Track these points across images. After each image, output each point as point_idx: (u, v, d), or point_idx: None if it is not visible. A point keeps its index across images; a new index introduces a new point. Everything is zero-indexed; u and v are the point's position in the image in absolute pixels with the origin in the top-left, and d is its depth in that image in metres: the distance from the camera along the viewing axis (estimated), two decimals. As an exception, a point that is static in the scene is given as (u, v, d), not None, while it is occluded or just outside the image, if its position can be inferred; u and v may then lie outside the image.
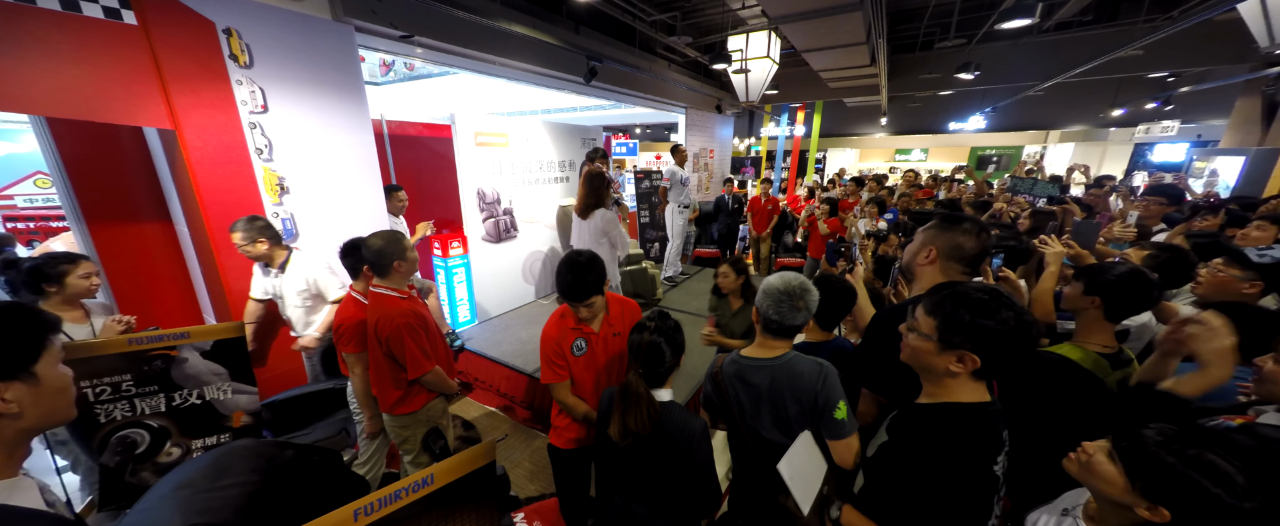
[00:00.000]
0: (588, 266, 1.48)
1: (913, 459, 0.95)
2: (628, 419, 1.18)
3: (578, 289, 1.48)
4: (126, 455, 1.55)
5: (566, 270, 1.48)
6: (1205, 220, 2.70)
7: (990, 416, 0.93)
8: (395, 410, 1.81)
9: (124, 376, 1.54)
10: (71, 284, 1.83)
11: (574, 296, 1.50)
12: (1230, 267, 1.66)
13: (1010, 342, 0.88)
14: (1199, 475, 0.74)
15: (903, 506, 0.96)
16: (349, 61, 2.74)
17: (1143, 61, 6.02)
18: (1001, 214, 4.11)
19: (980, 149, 14.50)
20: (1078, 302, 1.39)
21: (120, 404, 1.55)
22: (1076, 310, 1.42)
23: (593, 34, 5.11)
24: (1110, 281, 1.33)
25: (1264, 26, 2.88)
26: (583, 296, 1.49)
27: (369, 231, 1.83)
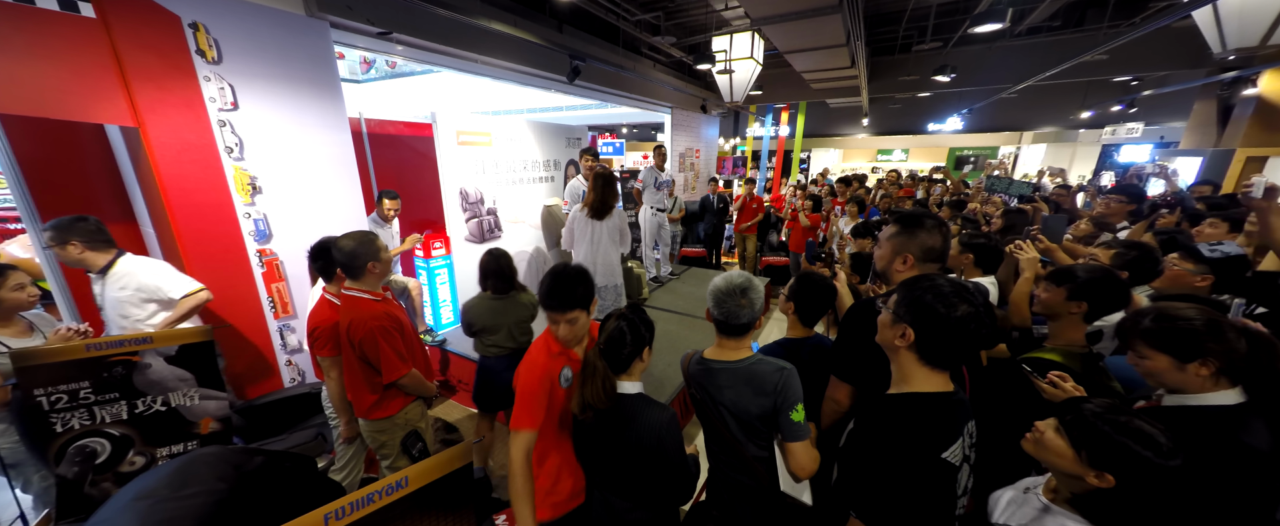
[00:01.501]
0: (577, 277, 1.32)
1: (867, 444, 1.00)
2: (585, 391, 1.19)
3: (563, 296, 1.27)
4: (86, 465, 1.49)
5: (552, 277, 1.30)
6: (1164, 217, 2.82)
7: (948, 405, 0.96)
8: (371, 415, 1.77)
9: (82, 383, 1.48)
10: (4, 298, 1.72)
11: (558, 304, 1.28)
12: (1184, 262, 1.74)
13: (949, 329, 0.92)
14: (1129, 440, 0.82)
15: (864, 490, 1.00)
16: (324, 58, 2.68)
17: (1108, 66, 6.27)
18: (976, 213, 4.24)
19: (958, 149, 14.91)
20: (1059, 307, 1.44)
21: (78, 412, 1.49)
22: (1055, 314, 1.46)
23: (576, 33, 5.09)
24: (1094, 284, 1.39)
25: (1217, 34, 3.02)
26: (567, 306, 1.28)
27: (346, 232, 1.78)
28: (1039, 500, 0.96)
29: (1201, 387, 1.03)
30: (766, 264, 6.16)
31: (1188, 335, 1.02)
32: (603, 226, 3.04)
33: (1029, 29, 6.34)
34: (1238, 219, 2.26)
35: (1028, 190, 4.99)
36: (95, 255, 1.95)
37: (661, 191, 4.95)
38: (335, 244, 1.68)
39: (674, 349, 3.35)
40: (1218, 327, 1.01)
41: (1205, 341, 1.00)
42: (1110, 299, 1.39)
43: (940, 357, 0.97)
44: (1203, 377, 1.02)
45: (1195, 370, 1.02)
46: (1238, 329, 1.02)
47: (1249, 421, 0.99)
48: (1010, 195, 5.04)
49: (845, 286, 1.86)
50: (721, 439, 1.30)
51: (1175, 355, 1.03)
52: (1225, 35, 2.95)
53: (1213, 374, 1.01)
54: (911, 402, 0.97)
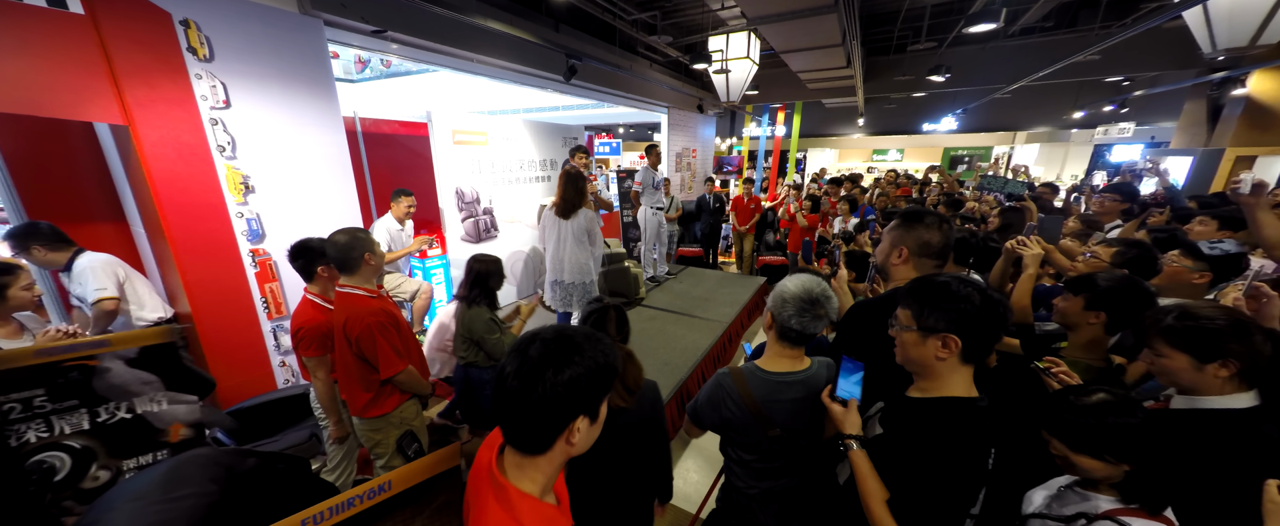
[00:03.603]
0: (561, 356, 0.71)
1: (912, 451, 0.95)
2: (627, 379, 1.22)
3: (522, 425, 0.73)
4: (44, 484, 1.38)
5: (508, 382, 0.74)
6: (1156, 216, 2.85)
7: (980, 412, 0.94)
8: (366, 413, 1.75)
9: (35, 391, 1.38)
10: (12, 297, 1.71)
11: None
12: (1184, 259, 1.75)
13: (981, 318, 0.90)
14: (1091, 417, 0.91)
15: (899, 495, 0.96)
16: (318, 56, 2.65)
17: (1100, 66, 6.33)
18: (974, 212, 4.27)
19: (953, 149, 15.00)
20: (1076, 317, 1.40)
21: (35, 423, 1.39)
22: (1072, 324, 1.43)
23: (572, 32, 5.08)
24: (1114, 294, 1.33)
25: (1207, 34, 3.06)
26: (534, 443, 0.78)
27: (337, 229, 1.76)
28: (1077, 492, 0.98)
29: (1218, 389, 1.00)
30: (763, 263, 6.17)
31: (1211, 335, 0.99)
32: (568, 226, 3.02)
33: (1022, 29, 6.39)
34: (1226, 217, 2.29)
35: (1021, 189, 5.03)
36: (57, 255, 2.05)
37: (659, 191, 4.95)
38: (328, 240, 1.66)
39: (670, 348, 3.34)
40: (1244, 329, 0.98)
41: (1228, 342, 0.97)
42: (1133, 309, 1.31)
43: (981, 350, 0.94)
44: (1220, 379, 0.99)
45: (1214, 371, 0.99)
46: (1264, 331, 1.00)
47: (1262, 426, 0.97)
48: (1003, 193, 5.09)
49: (844, 285, 1.86)
50: (771, 445, 1.23)
51: (1195, 355, 1.01)
52: (1215, 36, 2.99)
53: (1231, 375, 0.99)
54: (953, 409, 0.94)
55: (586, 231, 3.04)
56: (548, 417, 0.65)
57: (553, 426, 0.66)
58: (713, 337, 3.51)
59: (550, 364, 0.64)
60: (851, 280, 2.17)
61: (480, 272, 2.13)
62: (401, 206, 3.33)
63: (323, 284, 1.86)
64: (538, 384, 0.63)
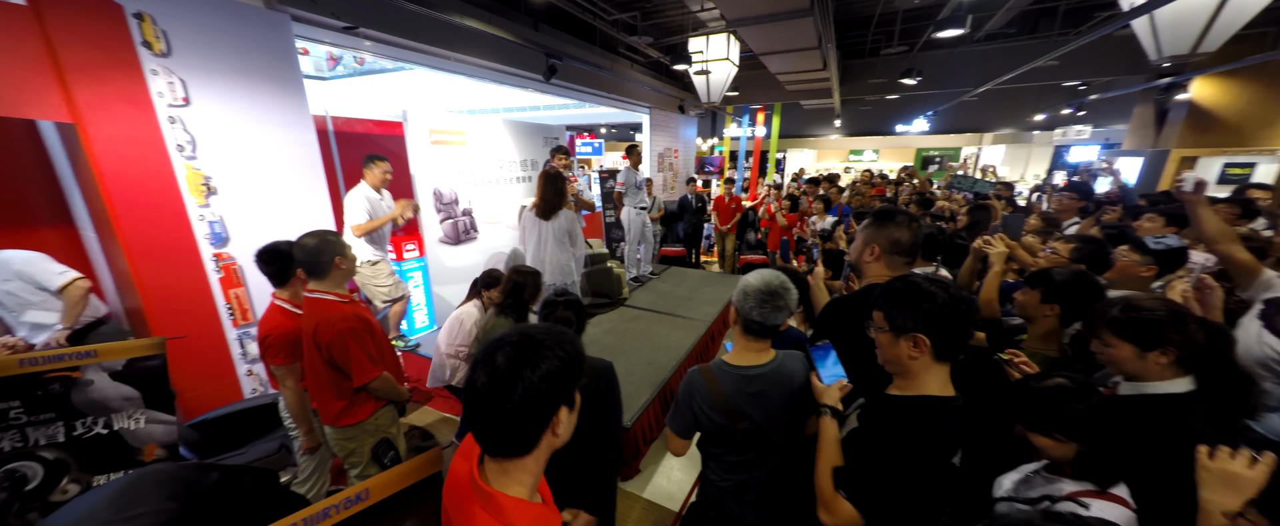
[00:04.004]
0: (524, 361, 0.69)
1: (883, 447, 0.98)
2: None
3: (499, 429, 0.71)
4: (14, 492, 1.35)
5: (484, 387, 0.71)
6: (1110, 213, 3.02)
7: (953, 411, 0.98)
8: (339, 421, 1.70)
9: (11, 403, 1.35)
10: None
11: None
12: (1133, 254, 1.87)
13: (948, 317, 0.93)
14: (1048, 400, 1.01)
15: (870, 488, 0.99)
16: (284, 53, 2.56)
17: (1058, 71, 6.65)
18: (944, 210, 4.43)
19: (925, 150, 15.53)
20: (1034, 310, 1.50)
21: (8, 434, 1.36)
22: (1030, 317, 1.52)
23: (552, 31, 5.04)
24: (1067, 287, 1.43)
25: (1153, 42, 3.25)
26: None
27: (307, 231, 1.70)
28: (1043, 476, 1.04)
29: (1158, 375, 1.08)
30: (745, 262, 6.25)
31: (1152, 325, 1.06)
32: (548, 227, 3.01)
33: (988, 35, 6.66)
34: (1171, 213, 2.44)
35: (988, 188, 5.25)
36: None
37: (641, 191, 4.96)
38: (297, 243, 1.60)
39: (654, 347, 3.36)
40: (1181, 319, 1.05)
41: (1167, 331, 1.05)
42: (1085, 301, 1.40)
43: (951, 348, 0.97)
44: (1161, 366, 1.06)
45: (1155, 359, 1.06)
46: (1198, 321, 1.08)
47: (1197, 409, 1.05)
48: (971, 192, 5.30)
49: (821, 283, 1.90)
50: (741, 438, 1.25)
51: (1138, 344, 1.07)
52: (1160, 43, 3.17)
53: (1171, 363, 1.06)
54: (926, 407, 0.97)
55: (567, 232, 3.02)
56: (531, 416, 0.65)
57: (536, 423, 0.66)
58: (696, 336, 3.54)
59: (523, 364, 0.64)
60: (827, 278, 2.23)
61: (518, 283, 2.03)
62: (376, 173, 3.09)
63: (294, 289, 1.80)
64: (516, 385, 0.63)
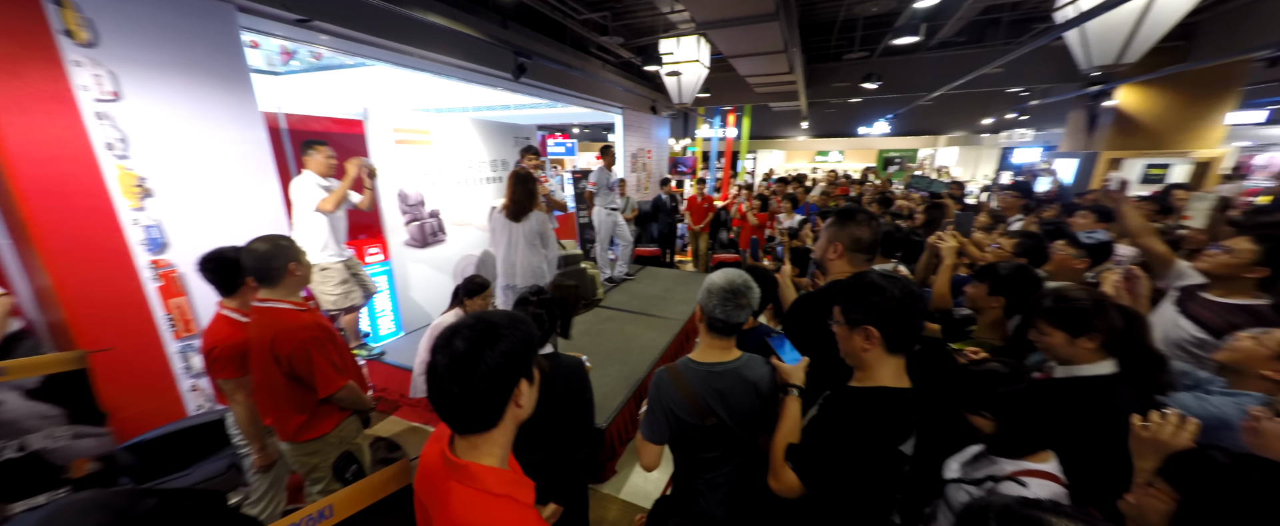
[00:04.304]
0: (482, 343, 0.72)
1: (833, 431, 1.04)
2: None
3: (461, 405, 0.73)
4: None
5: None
6: (1048, 210, 3.26)
7: (908, 403, 1.03)
8: (300, 436, 1.60)
9: None
10: None
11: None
12: (1068, 248, 2.03)
13: (896, 310, 0.99)
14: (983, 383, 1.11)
15: (815, 466, 1.05)
16: (229, 45, 2.40)
17: (1003, 78, 7.12)
18: (902, 209, 4.65)
19: (886, 151, 16.29)
20: (982, 302, 1.61)
21: None
22: (978, 308, 1.64)
23: (521, 29, 4.96)
24: (1009, 281, 1.55)
25: (1083, 52, 3.53)
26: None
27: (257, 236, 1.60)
28: (987, 459, 1.11)
29: (1087, 359, 1.19)
30: (718, 261, 6.35)
31: (1080, 313, 1.17)
32: (519, 228, 2.94)
33: (940, 43, 7.05)
34: (1101, 210, 2.66)
35: (943, 187, 5.57)
36: None
37: (613, 191, 4.95)
38: (246, 248, 1.51)
39: (629, 348, 3.35)
40: (1102, 307, 1.17)
41: (1093, 319, 1.16)
42: (1025, 293, 1.54)
43: (901, 340, 1.02)
44: (1088, 350, 1.18)
45: (1083, 344, 1.17)
46: (1118, 308, 1.20)
47: (1120, 387, 1.16)
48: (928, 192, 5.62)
49: (788, 280, 1.96)
50: (709, 435, 1.27)
51: (1069, 331, 1.19)
52: (1090, 53, 3.46)
53: (1097, 347, 1.17)
54: (878, 397, 1.02)
55: (538, 234, 2.97)
56: (494, 391, 0.70)
57: (499, 397, 0.71)
58: (670, 335, 3.56)
59: (482, 345, 0.69)
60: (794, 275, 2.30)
61: (561, 297, 2.07)
62: (319, 159, 2.81)
63: (243, 298, 1.69)
64: (478, 364, 0.68)
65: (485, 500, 0.71)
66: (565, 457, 1.48)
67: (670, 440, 1.34)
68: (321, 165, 2.85)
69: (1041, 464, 1.02)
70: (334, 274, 2.94)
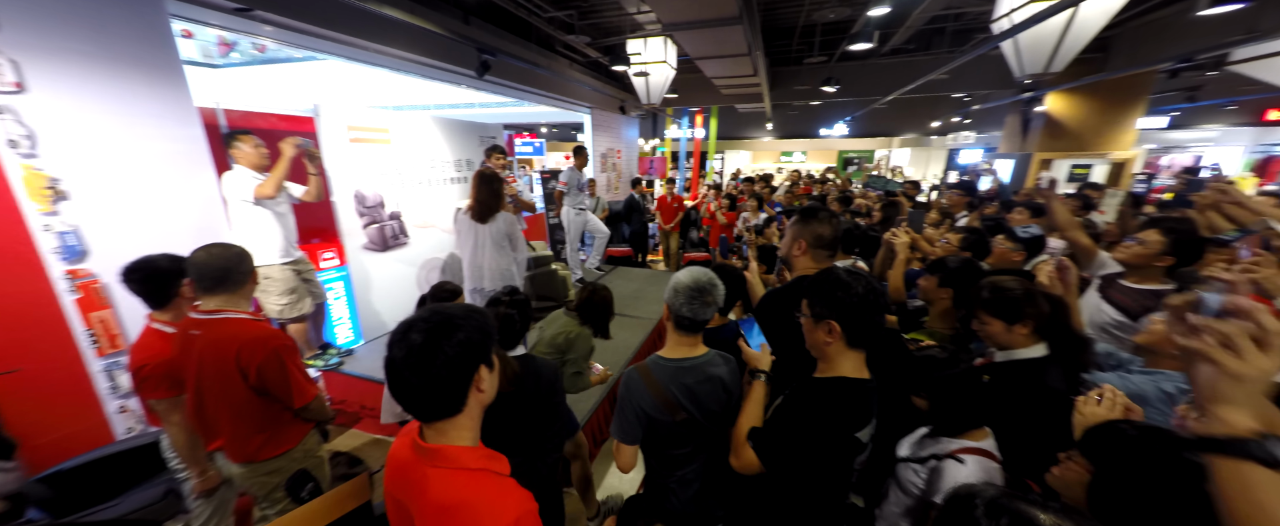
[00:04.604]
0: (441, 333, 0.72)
1: (797, 419, 1.09)
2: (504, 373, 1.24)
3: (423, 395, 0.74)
4: None
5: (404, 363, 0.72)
6: (990, 207, 3.52)
7: (866, 392, 1.09)
8: (262, 454, 1.50)
9: None
10: None
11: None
12: (1006, 242, 2.20)
13: (858, 306, 1.04)
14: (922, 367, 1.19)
15: (775, 448, 1.10)
16: (157, 34, 2.20)
17: (948, 84, 7.62)
18: (861, 207, 4.88)
19: (846, 152, 17.05)
20: (933, 294, 1.72)
21: None
22: (929, 300, 1.75)
23: (485, 26, 4.84)
24: (957, 274, 1.66)
25: (1017, 61, 3.85)
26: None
27: (198, 244, 1.48)
28: (932, 439, 1.18)
29: (1022, 344, 1.29)
30: (689, 260, 6.43)
31: (1013, 302, 1.28)
32: (485, 230, 2.86)
33: (892, 50, 7.45)
34: (1034, 207, 2.90)
35: (898, 186, 5.90)
36: None
37: (583, 191, 4.92)
38: (204, 251, 1.40)
39: (601, 347, 3.34)
40: (1032, 295, 1.28)
41: (1024, 306, 1.26)
42: (970, 285, 1.62)
43: (861, 335, 1.07)
44: (1022, 335, 1.28)
45: (1018, 330, 1.28)
46: (1045, 296, 1.31)
47: (1051, 368, 1.27)
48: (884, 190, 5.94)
49: (756, 277, 2.01)
50: (680, 430, 1.29)
51: (1005, 319, 1.29)
52: (1022, 62, 3.77)
53: (1030, 333, 1.28)
54: (838, 387, 1.07)
55: (506, 236, 2.90)
56: (455, 377, 0.72)
57: (460, 383, 0.73)
58: (643, 334, 3.57)
59: (439, 337, 0.70)
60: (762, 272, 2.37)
61: (594, 301, 2.14)
62: (247, 151, 2.54)
63: (177, 309, 1.56)
64: (437, 354, 0.70)
65: (464, 476, 0.73)
66: (537, 460, 1.46)
67: (643, 443, 1.34)
68: (252, 157, 2.56)
69: (978, 441, 1.11)
70: (280, 280, 2.70)
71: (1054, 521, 0.57)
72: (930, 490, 1.10)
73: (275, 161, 2.62)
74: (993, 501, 0.61)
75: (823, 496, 1.16)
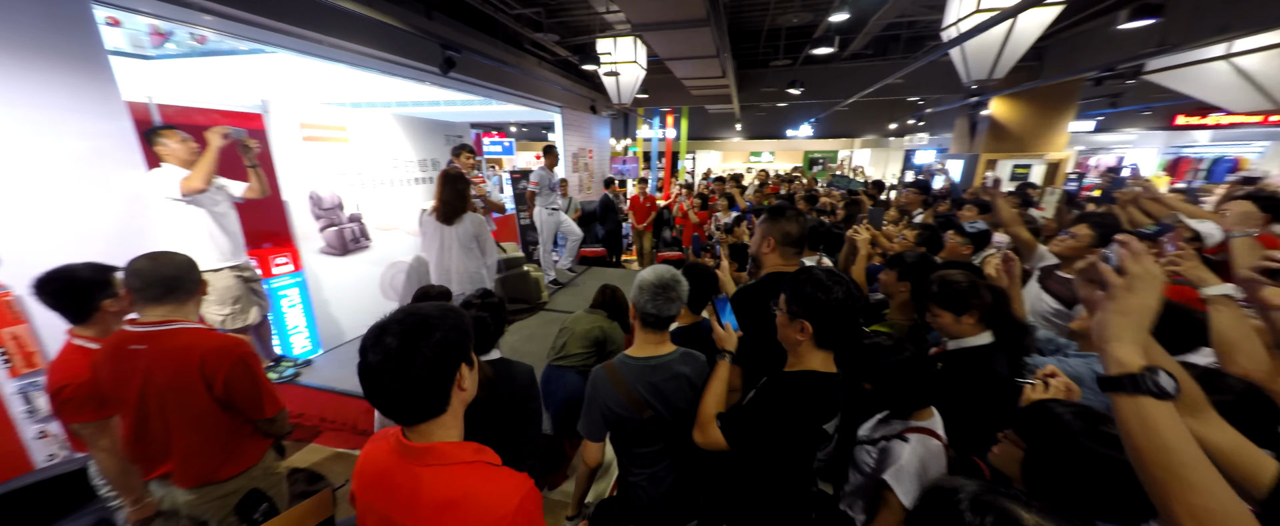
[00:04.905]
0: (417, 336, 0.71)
1: (766, 410, 1.13)
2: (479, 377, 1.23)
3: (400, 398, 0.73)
4: None
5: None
6: (943, 205, 3.74)
7: (833, 384, 1.13)
8: (221, 474, 1.39)
9: None
10: None
11: None
12: (956, 237, 2.35)
13: (833, 311, 1.07)
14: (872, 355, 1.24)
15: (742, 431, 1.14)
16: (76, 21, 2.01)
17: (903, 88, 8.04)
18: (825, 205, 5.07)
19: (811, 152, 17.67)
20: (892, 288, 1.80)
21: None
22: (889, 293, 1.83)
23: (449, 21, 4.69)
24: (914, 268, 1.75)
25: (964, 67, 4.11)
26: None
27: (125, 250, 1.36)
28: (886, 423, 1.25)
29: (970, 332, 1.39)
30: (662, 259, 6.48)
31: (959, 294, 1.37)
32: (451, 232, 2.78)
33: (853, 55, 7.78)
34: (982, 204, 3.11)
35: (858, 186, 6.18)
36: None
37: (555, 192, 4.86)
38: (151, 262, 1.29)
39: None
40: (976, 287, 1.37)
41: (969, 298, 1.35)
42: (923, 278, 1.74)
43: (831, 338, 1.11)
44: (970, 324, 1.37)
45: (966, 320, 1.37)
46: (988, 287, 1.40)
47: (997, 354, 1.36)
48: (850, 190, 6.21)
49: (727, 275, 2.05)
50: (648, 428, 1.29)
51: (953, 310, 1.37)
52: (969, 69, 4.03)
53: (976, 322, 1.37)
54: (807, 380, 1.11)
55: (474, 237, 2.82)
56: (436, 378, 0.71)
57: (442, 384, 0.72)
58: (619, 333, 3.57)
59: (417, 338, 0.69)
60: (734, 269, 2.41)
61: (613, 298, 2.41)
62: (173, 147, 2.29)
63: (104, 324, 1.42)
64: (415, 356, 0.68)
65: (460, 470, 0.73)
66: (515, 464, 1.42)
67: (613, 441, 1.34)
68: (180, 154, 2.31)
69: (924, 422, 1.19)
70: (222, 287, 2.43)
71: (1036, 521, 0.59)
72: (879, 468, 1.17)
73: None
74: (977, 498, 0.61)
75: (787, 484, 1.20)
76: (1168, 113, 10.29)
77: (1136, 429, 0.60)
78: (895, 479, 1.08)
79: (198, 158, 2.34)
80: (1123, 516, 0.76)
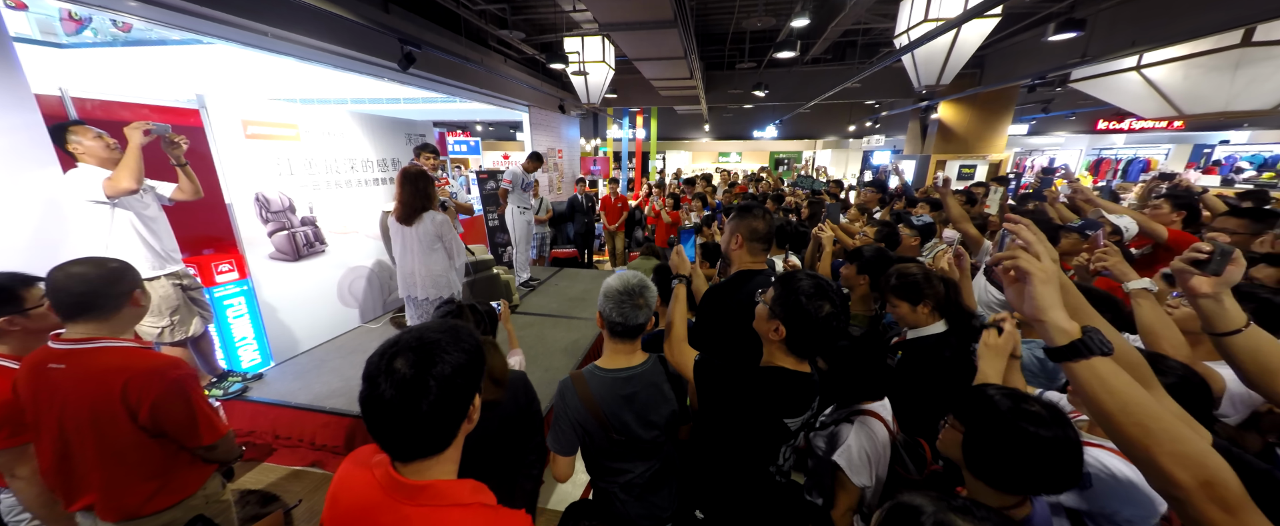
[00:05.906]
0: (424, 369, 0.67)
1: (734, 400, 1.15)
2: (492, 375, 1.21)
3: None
4: None
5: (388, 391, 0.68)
6: (898, 203, 3.96)
7: (801, 382, 1.12)
8: (150, 507, 1.26)
9: None
10: None
11: None
12: (906, 230, 2.51)
13: (811, 324, 1.05)
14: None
15: (713, 422, 1.18)
16: (-29, 1, 1.78)
17: (861, 92, 8.45)
18: (790, 204, 5.25)
19: (777, 153, 18.24)
20: (852, 281, 1.91)
21: None
22: (850, 287, 1.93)
23: (408, 15, 4.51)
24: (871, 263, 1.85)
25: (915, 73, 4.38)
26: None
27: (35, 258, 1.22)
28: (847, 407, 1.31)
29: (926, 322, 1.48)
30: (635, 258, 6.49)
31: (914, 285, 1.45)
32: (412, 233, 2.68)
33: (813, 59, 8.10)
34: (933, 201, 3.32)
35: (822, 186, 6.44)
36: None
37: (528, 192, 4.78)
38: (66, 273, 1.16)
39: (550, 351, 3.27)
40: (929, 277, 1.47)
41: (923, 288, 1.44)
42: (883, 272, 1.84)
43: (803, 350, 1.11)
44: (925, 314, 1.46)
45: (922, 310, 1.46)
46: (940, 279, 1.50)
47: (949, 341, 1.46)
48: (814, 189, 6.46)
49: (700, 274, 2.09)
50: (618, 449, 1.26)
51: (909, 301, 1.46)
52: (919, 74, 4.29)
53: (930, 311, 1.46)
54: (775, 376, 1.13)
55: (436, 237, 2.71)
56: (450, 411, 0.66)
57: (455, 417, 0.67)
58: (593, 334, 3.55)
59: (429, 365, 0.63)
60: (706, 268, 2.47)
61: None
62: (88, 144, 2.09)
63: (20, 341, 1.28)
64: (427, 388, 0.62)
65: (457, 513, 0.67)
66: (520, 480, 1.37)
67: (583, 451, 1.29)
68: (97, 151, 2.11)
69: (873, 405, 1.27)
70: (156, 297, 2.24)
71: None
72: (829, 450, 1.23)
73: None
74: (937, 518, 0.60)
75: (745, 468, 1.21)
76: (1090, 118, 11.37)
77: (1099, 391, 0.62)
78: (845, 460, 1.15)
79: (117, 154, 2.13)
80: (1049, 485, 0.83)
